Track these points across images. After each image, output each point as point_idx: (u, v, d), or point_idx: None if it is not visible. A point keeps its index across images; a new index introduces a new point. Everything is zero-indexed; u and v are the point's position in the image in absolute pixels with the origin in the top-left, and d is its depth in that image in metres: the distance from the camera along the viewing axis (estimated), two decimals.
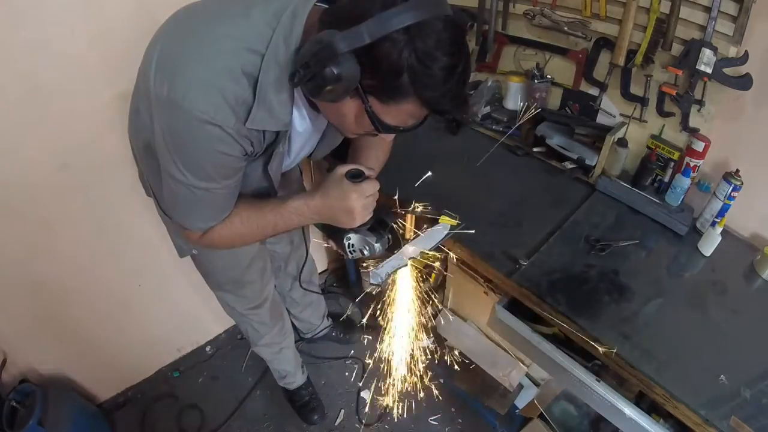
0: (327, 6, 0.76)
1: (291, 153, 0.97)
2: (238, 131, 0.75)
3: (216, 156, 0.77)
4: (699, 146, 1.23)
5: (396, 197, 1.06)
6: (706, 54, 1.12)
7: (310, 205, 0.90)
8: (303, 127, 0.90)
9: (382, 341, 1.29)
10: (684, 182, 1.25)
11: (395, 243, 1.02)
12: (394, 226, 1.02)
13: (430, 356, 1.53)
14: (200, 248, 1.15)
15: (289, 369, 1.71)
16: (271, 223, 0.92)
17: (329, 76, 0.64)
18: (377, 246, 0.98)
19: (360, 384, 1.89)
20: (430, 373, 1.84)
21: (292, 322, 1.78)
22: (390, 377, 1.43)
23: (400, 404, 1.79)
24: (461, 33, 0.69)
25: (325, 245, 1.25)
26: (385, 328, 1.25)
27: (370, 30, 0.62)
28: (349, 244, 1.00)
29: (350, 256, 1.02)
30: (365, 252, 1.00)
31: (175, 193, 0.84)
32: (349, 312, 2.16)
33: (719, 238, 1.18)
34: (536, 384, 1.54)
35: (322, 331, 1.98)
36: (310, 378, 1.82)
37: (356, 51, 0.63)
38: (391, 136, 1.01)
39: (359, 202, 0.88)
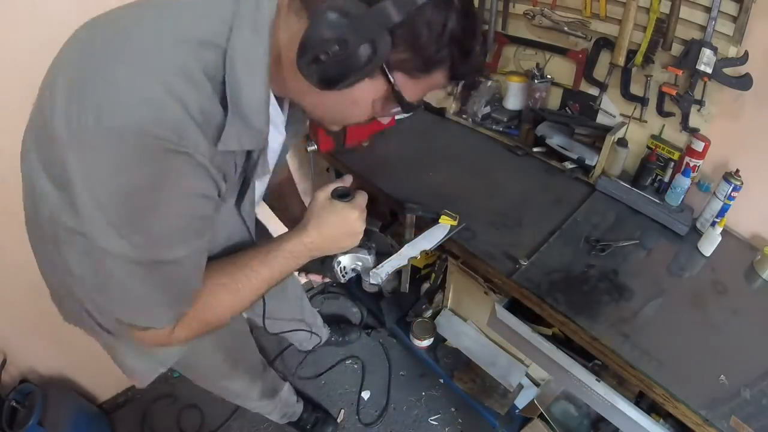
0: None
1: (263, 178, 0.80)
2: (212, 158, 0.56)
3: (187, 202, 0.57)
4: (699, 146, 1.23)
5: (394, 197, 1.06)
6: (706, 54, 1.12)
7: (306, 243, 0.77)
8: (277, 141, 0.75)
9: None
10: (684, 182, 1.25)
11: (380, 246, 0.98)
12: (375, 230, 0.98)
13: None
14: (170, 356, 0.93)
15: (287, 410, 1.64)
16: (266, 279, 0.73)
17: (364, 56, 0.53)
18: (370, 258, 0.95)
19: (360, 384, 1.89)
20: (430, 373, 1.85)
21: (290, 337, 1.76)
22: None
23: (400, 404, 1.79)
24: None
25: (305, 280, 1.17)
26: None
27: None
28: (341, 268, 0.94)
29: (344, 279, 0.96)
30: (358, 268, 0.96)
31: (123, 282, 0.59)
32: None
33: (719, 238, 1.18)
34: (536, 384, 1.55)
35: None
36: (307, 398, 1.80)
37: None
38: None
39: (361, 219, 0.81)
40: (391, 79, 0.58)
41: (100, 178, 0.52)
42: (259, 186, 0.81)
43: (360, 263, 0.95)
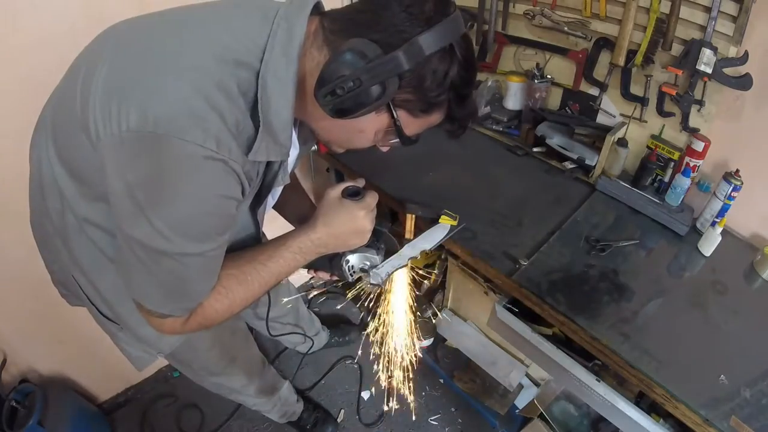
0: (320, 13, 0.67)
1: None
2: (243, 165, 0.62)
3: (216, 203, 0.61)
4: (699, 146, 1.23)
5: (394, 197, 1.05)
6: (706, 54, 1.12)
7: (314, 239, 0.80)
8: (293, 155, 0.80)
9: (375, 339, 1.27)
10: (684, 182, 1.25)
11: (389, 247, 0.99)
12: (385, 230, 0.98)
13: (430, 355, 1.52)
14: (169, 345, 0.96)
15: (287, 409, 1.64)
16: (274, 273, 0.77)
17: (374, 94, 0.59)
18: (378, 258, 0.96)
19: (360, 384, 1.89)
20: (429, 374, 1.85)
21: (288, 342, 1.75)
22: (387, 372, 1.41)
23: (401, 404, 1.79)
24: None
25: (311, 276, 1.18)
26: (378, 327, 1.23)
27: (427, 44, 0.58)
28: (349, 267, 0.95)
29: (352, 278, 0.97)
30: (366, 268, 0.96)
31: (152, 271, 0.63)
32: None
33: (719, 238, 1.18)
34: (536, 384, 1.55)
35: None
36: (307, 398, 1.80)
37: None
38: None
39: (368, 218, 0.83)
40: (395, 115, 0.64)
41: (137, 173, 0.57)
42: (275, 192, 0.85)
43: (368, 263, 0.96)
